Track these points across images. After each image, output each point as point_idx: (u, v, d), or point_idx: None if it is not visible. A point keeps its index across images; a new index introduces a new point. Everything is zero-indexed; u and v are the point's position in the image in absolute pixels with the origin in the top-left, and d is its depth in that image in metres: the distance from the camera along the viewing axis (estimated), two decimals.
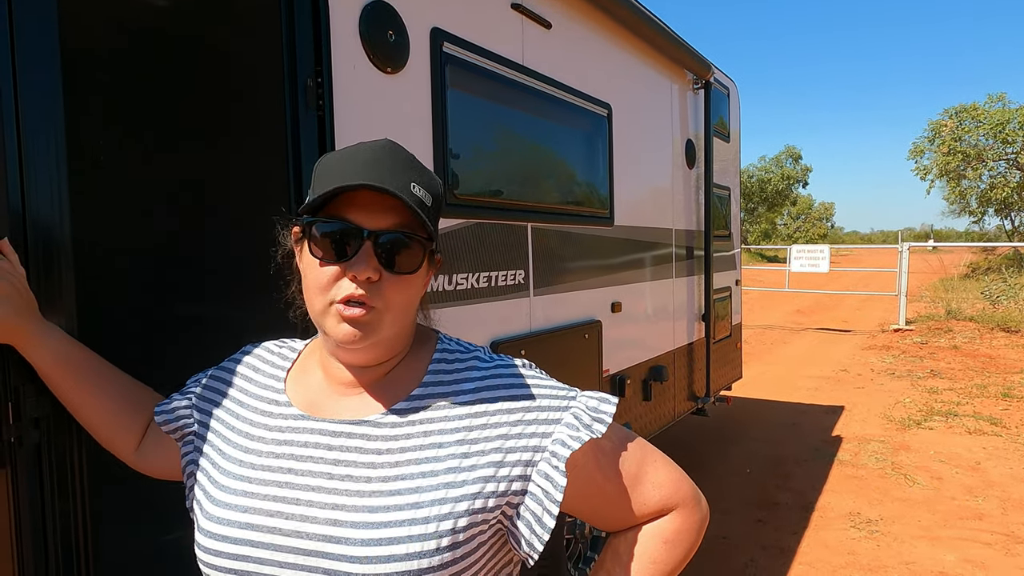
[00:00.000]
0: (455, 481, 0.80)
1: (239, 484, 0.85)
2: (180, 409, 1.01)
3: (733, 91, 5.21)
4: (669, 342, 4.05)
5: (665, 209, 4.01)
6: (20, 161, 1.18)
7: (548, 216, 2.78)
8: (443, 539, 0.78)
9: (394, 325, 0.84)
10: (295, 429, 0.87)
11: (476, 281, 2.34)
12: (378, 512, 0.78)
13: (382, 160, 0.81)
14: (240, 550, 0.81)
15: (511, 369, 0.90)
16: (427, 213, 0.81)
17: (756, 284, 18.58)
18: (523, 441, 0.83)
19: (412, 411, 0.85)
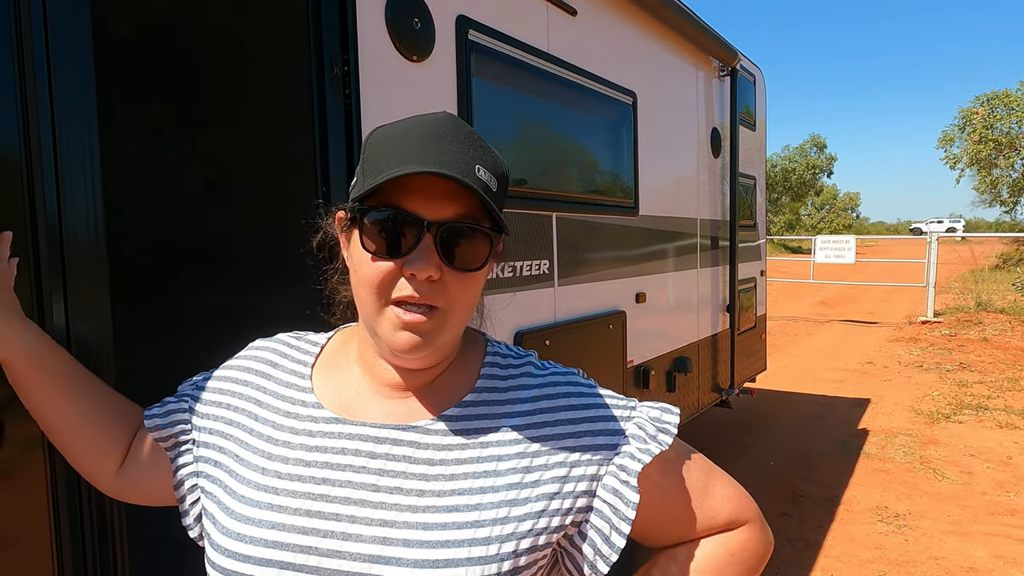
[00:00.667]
0: (518, 498, 0.73)
1: (264, 496, 0.75)
2: (175, 413, 0.88)
3: (759, 78, 5.12)
4: (693, 333, 4.01)
5: (690, 198, 3.96)
6: (55, 153, 1.19)
7: (573, 206, 2.75)
8: (504, 563, 0.70)
9: (458, 327, 0.76)
10: (328, 433, 0.77)
11: (501, 271, 2.33)
12: (433, 530, 0.70)
13: (444, 137, 0.70)
14: (267, 572, 0.71)
15: (568, 377, 0.83)
16: (494, 199, 0.71)
17: (780, 275, 18.36)
18: (588, 455, 0.76)
19: (465, 419, 0.77)
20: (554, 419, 0.78)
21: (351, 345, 0.85)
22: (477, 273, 0.74)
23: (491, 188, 0.71)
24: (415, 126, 0.72)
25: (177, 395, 0.91)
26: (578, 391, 0.81)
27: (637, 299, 3.30)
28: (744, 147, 4.73)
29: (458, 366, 0.82)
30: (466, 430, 0.76)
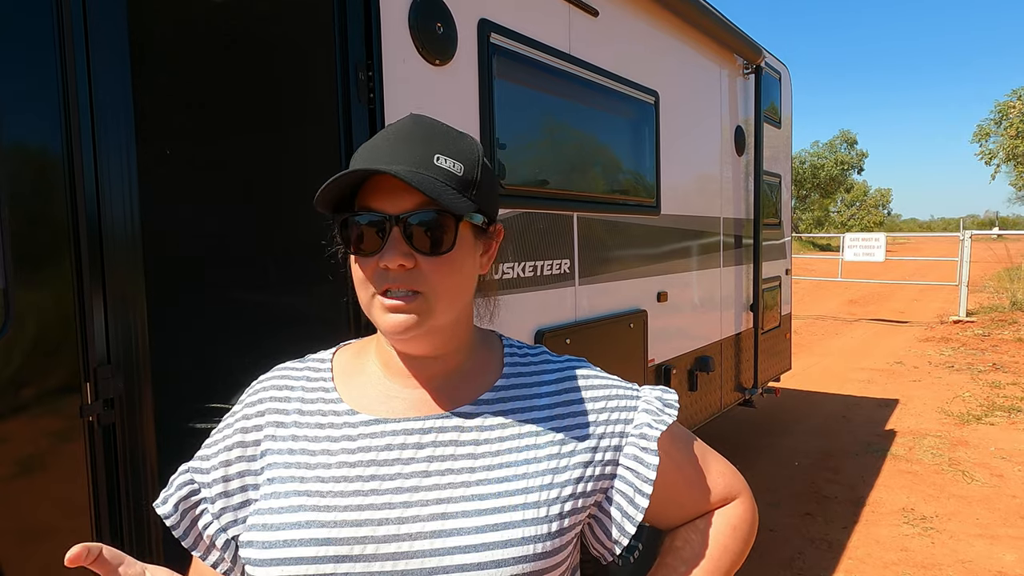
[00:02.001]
0: (558, 467, 0.81)
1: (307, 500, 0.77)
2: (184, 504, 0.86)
3: (785, 75, 5.07)
4: (716, 332, 4.00)
5: (713, 197, 3.95)
6: (95, 159, 1.25)
7: (594, 205, 2.77)
8: (553, 523, 0.78)
9: (449, 309, 0.79)
10: (371, 434, 0.81)
11: (522, 270, 2.36)
12: (488, 499, 0.77)
13: (402, 138, 0.76)
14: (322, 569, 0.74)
15: (581, 363, 0.92)
16: (459, 184, 0.75)
17: (807, 273, 18.09)
18: (610, 427, 0.85)
19: (500, 401, 0.84)
20: (579, 397, 0.87)
21: (367, 354, 0.89)
22: (453, 255, 0.77)
23: (454, 173, 0.76)
24: (383, 134, 0.79)
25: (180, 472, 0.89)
26: (592, 374, 0.90)
27: (658, 298, 3.30)
28: (769, 145, 4.69)
29: (481, 355, 0.88)
30: (503, 411, 0.84)
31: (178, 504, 0.85)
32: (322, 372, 0.88)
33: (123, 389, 1.28)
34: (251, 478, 0.83)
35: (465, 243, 0.78)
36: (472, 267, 0.81)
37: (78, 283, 1.22)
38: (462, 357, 0.86)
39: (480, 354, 0.88)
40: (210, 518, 0.84)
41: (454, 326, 0.83)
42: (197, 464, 0.87)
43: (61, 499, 1.19)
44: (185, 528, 0.84)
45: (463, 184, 0.76)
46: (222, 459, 0.84)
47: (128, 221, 1.32)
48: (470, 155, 0.78)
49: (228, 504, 0.83)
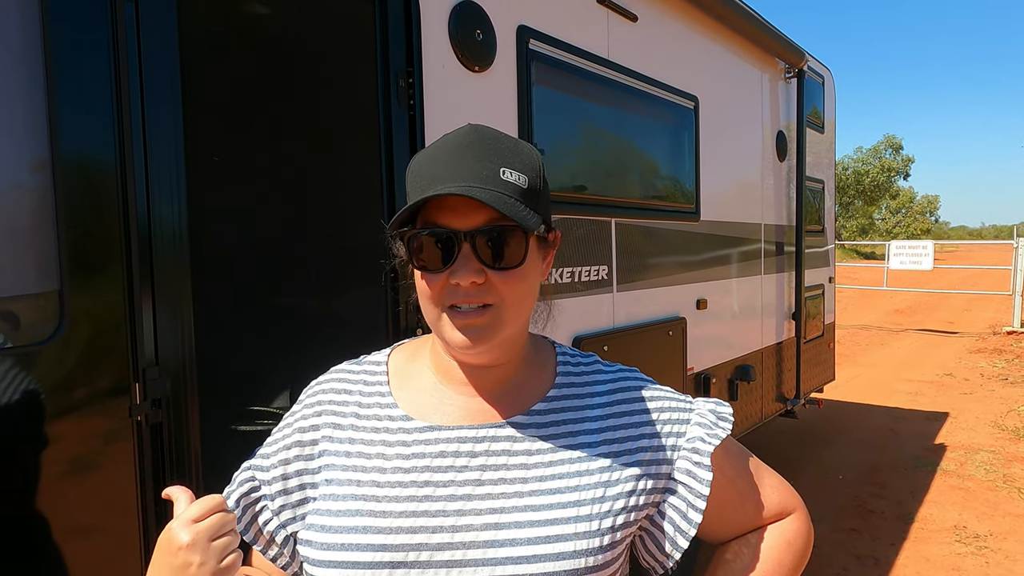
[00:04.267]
0: (611, 480, 0.81)
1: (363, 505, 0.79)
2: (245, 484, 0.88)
3: (828, 79, 4.97)
4: (757, 341, 3.92)
5: (754, 203, 3.88)
6: (146, 165, 1.29)
7: (632, 211, 2.75)
8: (604, 537, 0.78)
9: (516, 320, 0.79)
10: (425, 441, 0.81)
11: (559, 276, 2.35)
12: (541, 511, 0.77)
13: (465, 153, 0.75)
14: (378, 574, 0.75)
15: (634, 373, 0.91)
16: (524, 196, 0.75)
17: (851, 282, 17.64)
18: (662, 440, 0.84)
19: (552, 412, 0.84)
20: (631, 408, 0.86)
21: (421, 358, 0.89)
22: (520, 269, 0.77)
23: (520, 186, 0.75)
24: (442, 146, 0.78)
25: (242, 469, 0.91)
26: (645, 385, 0.89)
27: (698, 305, 3.25)
28: (812, 150, 4.60)
29: (533, 366, 0.87)
30: (556, 422, 0.83)
31: (240, 500, 0.87)
32: (378, 375, 0.88)
33: (170, 390, 1.31)
34: (309, 477, 0.84)
35: (532, 254, 0.78)
36: (537, 276, 0.81)
37: (128, 288, 1.25)
38: (517, 366, 0.86)
39: (533, 363, 0.88)
40: (270, 514, 0.86)
41: (517, 336, 0.84)
42: (258, 462, 0.89)
43: (110, 496, 1.22)
44: (246, 523, 0.86)
45: (529, 196, 0.75)
46: (281, 458, 0.86)
47: (176, 228, 1.35)
48: (533, 166, 0.77)
49: (287, 502, 0.85)
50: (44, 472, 1.14)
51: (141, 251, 1.28)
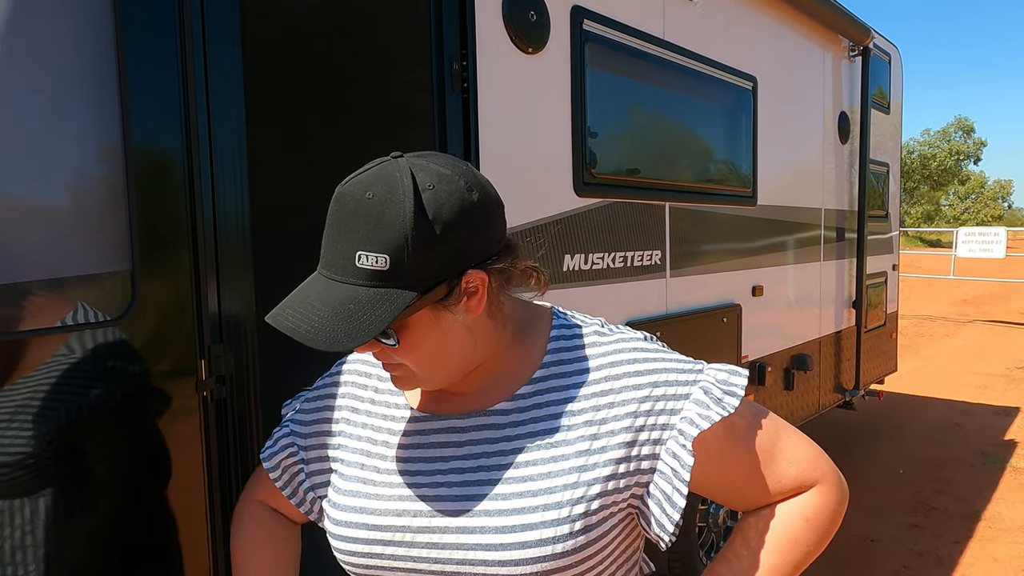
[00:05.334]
0: (587, 464, 0.78)
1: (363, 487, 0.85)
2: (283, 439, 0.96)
3: (895, 57, 4.75)
4: (815, 329, 3.81)
5: (814, 187, 3.76)
6: (210, 152, 1.33)
7: (687, 195, 2.69)
8: (576, 523, 0.76)
9: (437, 373, 0.80)
10: (421, 431, 0.85)
11: (612, 261, 2.32)
12: (511, 499, 0.78)
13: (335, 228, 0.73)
14: (373, 549, 0.82)
15: (633, 343, 0.84)
16: (384, 277, 0.71)
17: (915, 270, 16.94)
18: (652, 419, 0.79)
19: (536, 394, 0.83)
20: (619, 385, 0.80)
21: None
22: (407, 343, 0.76)
23: (378, 269, 0.71)
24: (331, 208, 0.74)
25: (281, 425, 0.98)
26: (643, 356, 0.82)
27: (754, 292, 3.18)
28: (876, 132, 4.41)
29: (523, 346, 0.86)
30: (537, 404, 0.82)
31: (280, 462, 0.94)
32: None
33: (233, 367, 1.36)
34: (331, 451, 0.90)
35: (417, 325, 0.75)
36: (443, 333, 0.77)
37: (195, 269, 1.29)
38: (498, 360, 0.85)
39: (520, 347, 0.86)
40: (304, 477, 0.94)
41: (465, 365, 0.82)
42: (296, 428, 0.95)
43: (179, 469, 1.28)
44: (285, 482, 0.95)
45: (392, 276, 0.71)
46: (316, 429, 0.93)
47: (239, 213, 1.39)
48: (395, 237, 0.70)
49: (317, 469, 0.92)
50: (116, 444, 1.20)
51: (206, 234, 1.32)
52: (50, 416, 1.11)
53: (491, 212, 0.77)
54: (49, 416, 1.11)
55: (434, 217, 0.71)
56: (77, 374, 1.14)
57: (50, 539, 1.12)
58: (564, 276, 2.12)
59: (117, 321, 1.18)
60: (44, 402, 1.10)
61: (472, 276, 0.75)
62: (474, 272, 0.75)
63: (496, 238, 0.78)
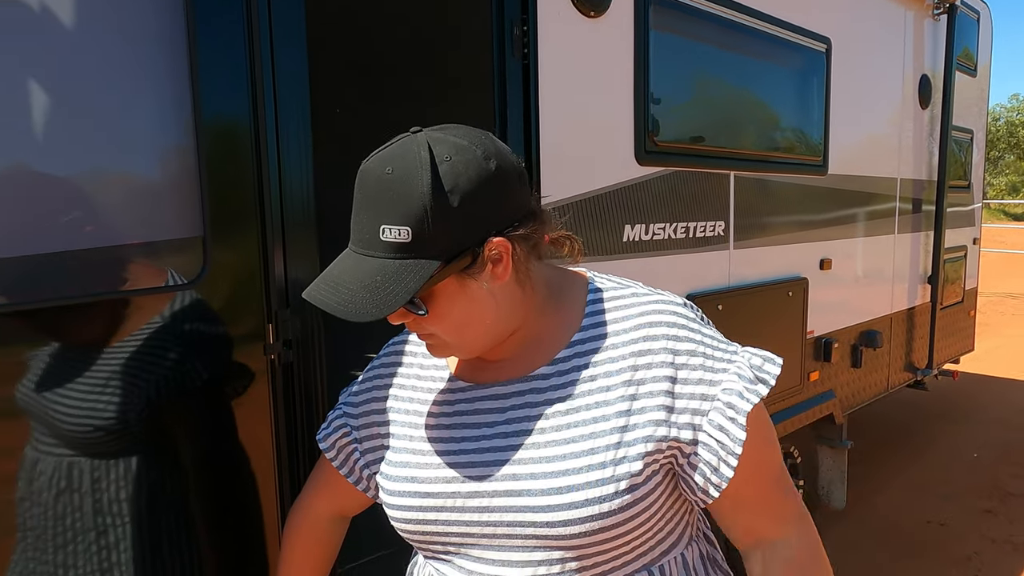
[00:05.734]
0: (628, 424, 0.79)
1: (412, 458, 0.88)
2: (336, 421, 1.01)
3: (984, 16, 4.42)
4: (886, 305, 3.65)
5: (889, 156, 3.56)
6: (276, 124, 1.35)
7: (753, 164, 2.60)
8: (620, 482, 0.78)
9: (466, 340, 0.82)
10: (465, 400, 0.88)
11: (673, 231, 2.27)
12: (555, 462, 0.80)
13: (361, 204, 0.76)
14: (426, 516, 0.85)
15: (671, 305, 0.85)
16: (407, 249, 0.73)
17: (997, 245, 16.00)
18: (690, 387, 0.80)
19: (575, 357, 0.84)
20: (657, 346, 0.81)
21: None
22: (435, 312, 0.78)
23: (401, 241, 0.73)
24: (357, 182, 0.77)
25: (335, 408, 1.04)
26: (682, 322, 0.83)
27: (821, 265, 3.06)
28: (960, 96, 4.14)
29: (559, 311, 0.87)
30: (576, 367, 0.83)
31: (335, 443, 1.00)
32: None
33: (300, 331, 1.40)
34: (381, 428, 0.95)
35: (443, 293, 0.77)
36: (470, 301, 0.79)
37: (262, 236, 1.33)
38: (532, 327, 0.86)
39: (557, 312, 0.87)
40: (358, 455, 0.98)
41: (496, 332, 0.83)
42: (348, 409, 1.00)
43: (248, 430, 1.33)
44: (340, 461, 1.00)
45: (415, 247, 0.73)
46: (365, 409, 0.98)
47: (304, 188, 1.42)
48: (415, 209, 0.72)
49: (369, 447, 0.97)
50: (189, 404, 1.25)
51: (272, 203, 1.35)
52: (130, 375, 1.16)
53: (510, 181, 0.78)
54: (129, 375, 1.16)
55: (452, 188, 0.73)
56: (154, 335, 1.20)
57: (135, 496, 1.18)
58: (624, 247, 2.09)
59: (191, 285, 1.23)
60: (124, 361, 1.16)
61: (495, 244, 0.77)
62: (497, 240, 0.76)
63: (517, 206, 0.79)
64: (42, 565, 1.10)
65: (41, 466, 1.11)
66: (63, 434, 1.12)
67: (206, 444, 1.28)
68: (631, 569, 0.83)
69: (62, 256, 1.11)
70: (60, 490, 1.12)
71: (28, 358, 1.07)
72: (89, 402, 1.13)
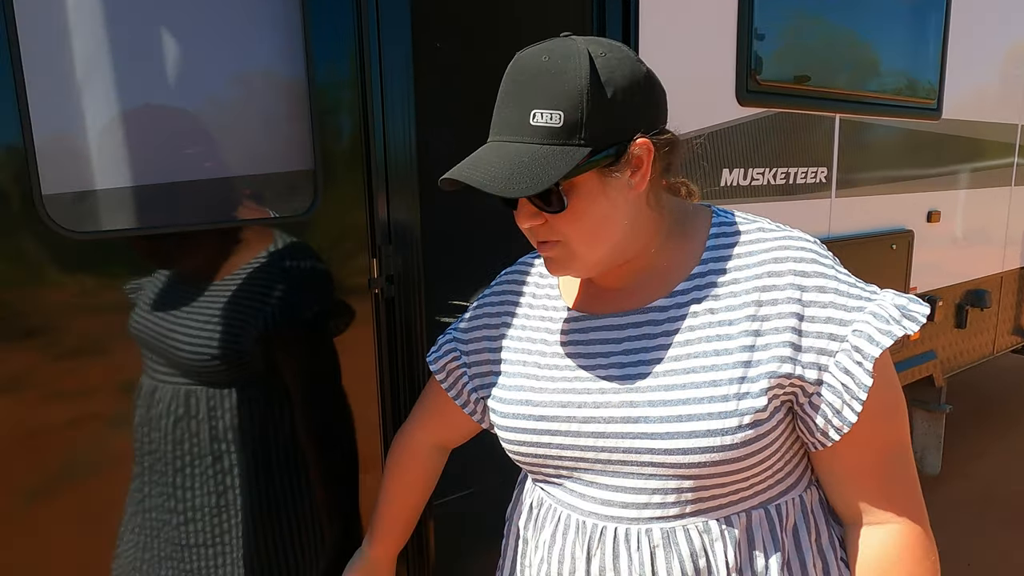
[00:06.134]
0: (751, 360, 0.77)
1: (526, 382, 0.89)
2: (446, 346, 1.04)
3: None
4: (997, 263, 3.41)
5: (1011, 101, 3.28)
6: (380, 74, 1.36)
7: (860, 106, 2.44)
8: (744, 416, 0.76)
9: (594, 249, 0.80)
10: (579, 330, 0.88)
11: (772, 177, 2.17)
12: (674, 390, 0.79)
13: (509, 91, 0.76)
14: (540, 439, 0.86)
15: (800, 241, 0.81)
16: (558, 135, 0.73)
17: None
18: (817, 326, 0.76)
19: (695, 290, 0.82)
20: (784, 282, 0.78)
21: None
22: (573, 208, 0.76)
23: (552, 126, 0.73)
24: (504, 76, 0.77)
25: (444, 333, 1.07)
26: (811, 257, 0.79)
27: (928, 218, 2.87)
28: None
29: (681, 242, 0.85)
30: (696, 300, 0.81)
31: (445, 365, 1.03)
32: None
33: (401, 267, 1.42)
34: (492, 353, 0.97)
35: (585, 189, 0.76)
36: (608, 204, 0.78)
37: (367, 172, 1.35)
38: (652, 256, 0.85)
39: (678, 244, 0.85)
40: (467, 379, 1.01)
41: (620, 249, 0.82)
42: (459, 335, 1.02)
43: (354, 361, 1.38)
44: (449, 384, 1.03)
45: (566, 132, 0.73)
46: (475, 335, 1.00)
47: (406, 138, 1.43)
48: (572, 93, 0.72)
49: (478, 371, 0.99)
50: (298, 334, 1.30)
51: (377, 160, 1.37)
52: (243, 305, 1.22)
53: (657, 88, 0.79)
54: (242, 305, 1.22)
55: (607, 80, 0.73)
56: (265, 266, 1.24)
57: (247, 424, 1.24)
58: (720, 192, 2.02)
59: (302, 216, 1.26)
60: (238, 291, 1.21)
61: (640, 144, 0.76)
62: (642, 140, 0.76)
63: (660, 117, 0.80)
64: (161, 487, 1.17)
65: (159, 394, 1.17)
66: (180, 363, 1.17)
67: (313, 374, 1.34)
68: (748, 505, 0.82)
69: (186, 185, 1.16)
70: (178, 417, 1.18)
71: (150, 285, 1.13)
72: (207, 331, 1.19)
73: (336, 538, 1.38)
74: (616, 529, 0.82)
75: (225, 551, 1.24)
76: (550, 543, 0.88)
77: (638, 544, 0.81)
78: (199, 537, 1.22)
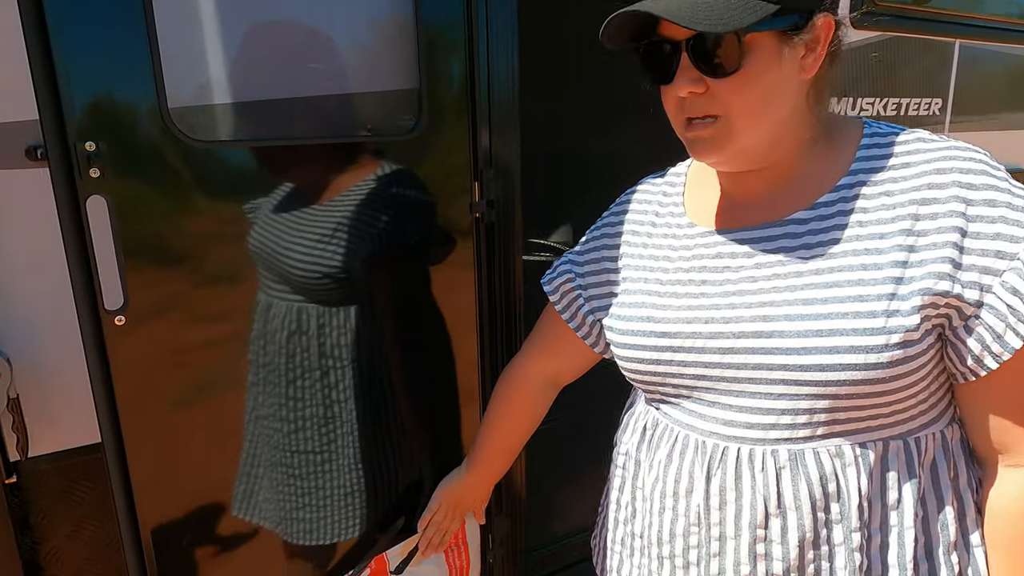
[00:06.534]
0: (904, 277, 0.72)
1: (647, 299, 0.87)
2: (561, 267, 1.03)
3: None
4: None
5: None
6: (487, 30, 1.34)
7: (983, 31, 2.25)
8: (892, 336, 0.71)
9: (753, 129, 0.75)
10: (705, 245, 0.85)
11: (883, 108, 2.04)
12: (815, 304, 0.74)
13: None
14: (662, 356, 0.84)
15: (969, 152, 0.74)
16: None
17: None
18: (983, 242, 0.70)
19: (841, 202, 0.77)
20: (946, 195, 0.72)
21: None
22: (744, 73, 0.72)
23: None
24: None
25: (562, 256, 1.06)
26: (980, 168, 0.72)
27: None
28: None
29: (827, 151, 0.81)
30: (843, 211, 0.77)
31: (559, 287, 1.02)
32: (677, 187, 0.94)
33: (501, 193, 1.42)
34: (610, 275, 0.96)
35: (762, 54, 0.72)
36: (780, 78, 0.74)
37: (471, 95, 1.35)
38: (795, 164, 0.80)
39: (824, 155, 0.80)
40: (582, 301, 1.00)
41: (772, 141, 0.78)
42: (574, 257, 1.02)
43: (454, 285, 1.40)
44: (564, 306, 1.03)
45: None
46: (592, 256, 0.99)
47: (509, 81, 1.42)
48: None
49: (595, 293, 0.97)
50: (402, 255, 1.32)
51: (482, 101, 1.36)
52: (351, 226, 1.24)
53: None
54: (351, 226, 1.24)
55: None
56: (374, 185, 1.26)
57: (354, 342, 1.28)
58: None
59: (407, 135, 1.28)
60: (347, 211, 1.24)
61: (824, 21, 0.73)
62: (827, 18, 0.74)
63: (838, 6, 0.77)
64: (273, 397, 1.23)
65: (274, 310, 1.22)
66: (293, 280, 1.22)
67: (416, 295, 1.36)
68: (886, 434, 0.78)
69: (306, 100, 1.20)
70: (291, 332, 1.24)
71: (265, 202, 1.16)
72: (317, 250, 1.22)
73: (433, 453, 1.43)
74: (740, 449, 0.80)
75: (331, 459, 1.30)
76: (666, 462, 0.87)
77: (763, 465, 0.79)
78: (308, 444, 1.28)
